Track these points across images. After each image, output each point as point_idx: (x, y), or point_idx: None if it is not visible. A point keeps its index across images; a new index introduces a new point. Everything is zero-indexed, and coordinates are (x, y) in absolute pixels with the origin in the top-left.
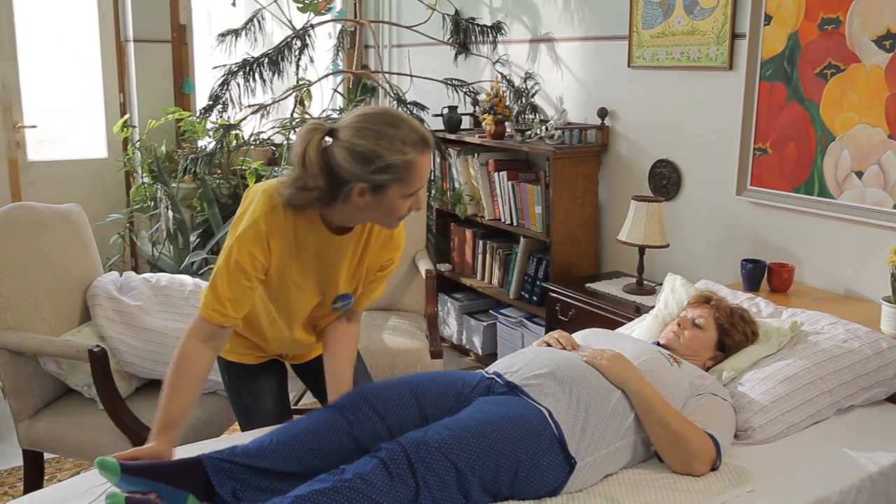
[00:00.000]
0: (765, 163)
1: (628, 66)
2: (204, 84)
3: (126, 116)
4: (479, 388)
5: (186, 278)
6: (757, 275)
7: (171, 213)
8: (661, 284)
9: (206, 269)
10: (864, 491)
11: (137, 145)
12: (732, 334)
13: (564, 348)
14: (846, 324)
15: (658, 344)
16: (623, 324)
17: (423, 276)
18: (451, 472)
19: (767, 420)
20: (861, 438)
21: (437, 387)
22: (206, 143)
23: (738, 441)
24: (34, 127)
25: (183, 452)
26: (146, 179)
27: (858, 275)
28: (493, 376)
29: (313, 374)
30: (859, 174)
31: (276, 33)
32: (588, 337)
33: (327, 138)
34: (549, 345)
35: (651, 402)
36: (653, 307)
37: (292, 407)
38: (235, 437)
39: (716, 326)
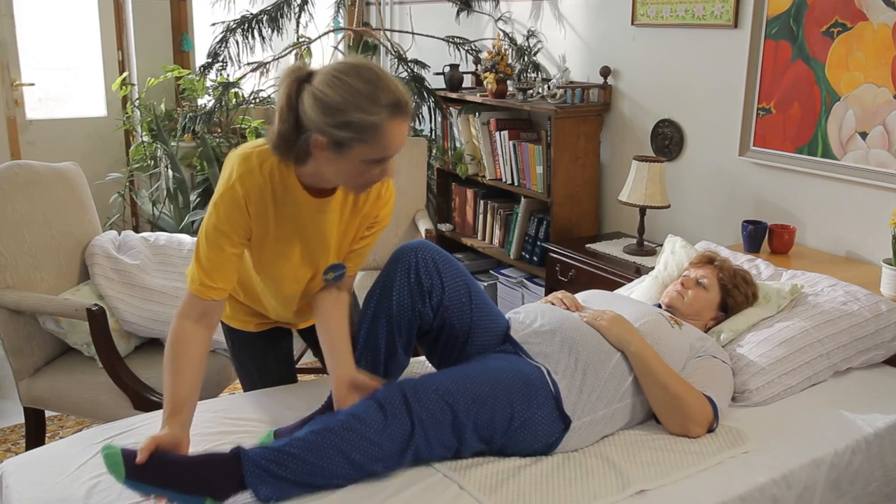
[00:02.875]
0: (768, 123)
1: (632, 23)
2: (203, 41)
3: (125, 74)
4: None
5: (185, 237)
6: (758, 236)
7: (170, 172)
8: (661, 245)
9: None
10: (859, 452)
11: (137, 104)
12: (735, 295)
13: (568, 308)
14: (845, 286)
15: (659, 306)
16: (623, 284)
17: (423, 235)
18: (446, 414)
19: (765, 382)
20: (857, 401)
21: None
22: (206, 101)
23: (734, 403)
24: (32, 85)
25: None
26: (146, 138)
27: (860, 237)
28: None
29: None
30: (863, 135)
31: None
32: (590, 298)
33: (292, 84)
34: (552, 304)
35: (650, 364)
36: (653, 268)
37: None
38: (234, 397)
39: (719, 287)
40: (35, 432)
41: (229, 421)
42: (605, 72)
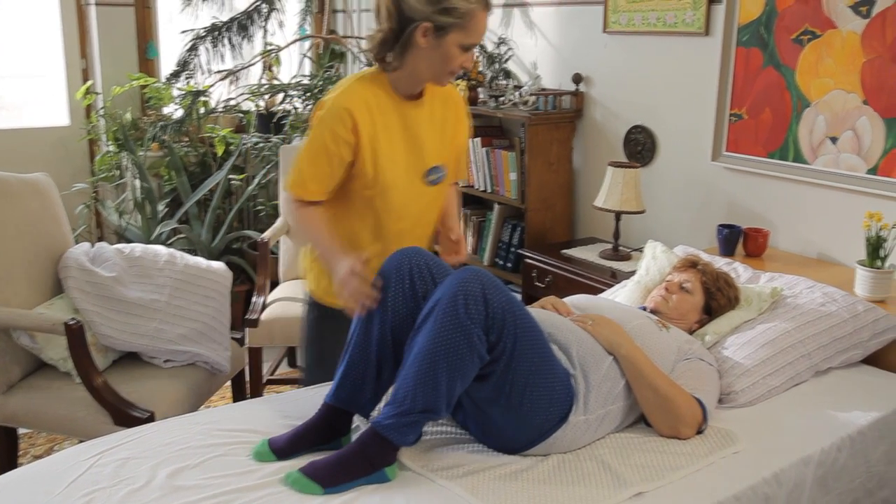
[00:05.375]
0: (740, 128)
1: (603, 31)
2: (169, 49)
3: (89, 83)
4: None
5: (160, 248)
6: (733, 240)
7: (138, 182)
8: (637, 250)
9: (175, 238)
10: (844, 450)
11: (101, 112)
12: (718, 298)
13: (559, 313)
14: (823, 287)
15: (644, 309)
16: (601, 290)
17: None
18: (508, 340)
19: (750, 383)
20: (839, 400)
21: None
22: (173, 110)
23: (721, 405)
24: None
25: (164, 427)
26: (111, 148)
27: (831, 239)
28: None
29: None
30: (834, 140)
31: None
32: (578, 303)
33: None
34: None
35: (641, 366)
36: (630, 273)
37: (269, 377)
38: (224, 409)
39: (702, 290)
40: (7, 451)
41: (221, 432)
42: (577, 79)
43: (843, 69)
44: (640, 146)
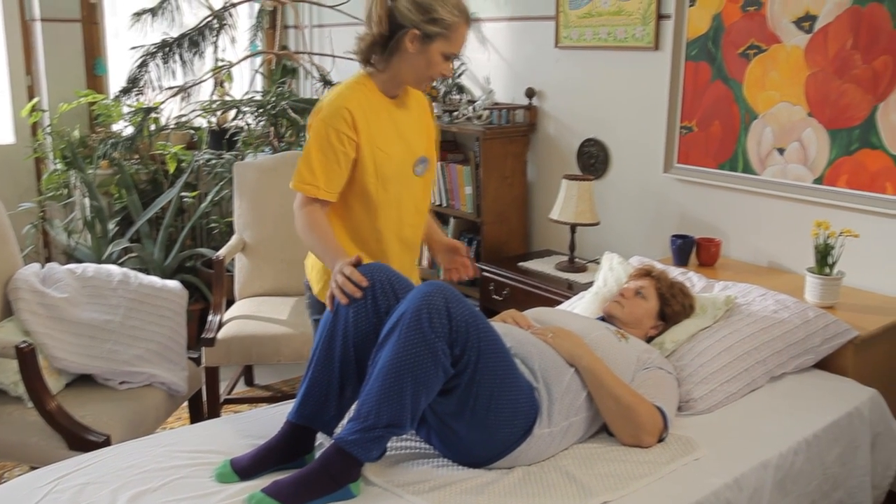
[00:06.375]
0: (691, 141)
1: (555, 46)
2: (117, 66)
3: (35, 100)
4: None
5: (113, 268)
6: (686, 250)
7: (87, 201)
8: (593, 261)
9: (126, 258)
10: (801, 453)
11: (48, 130)
12: (673, 304)
13: (520, 326)
14: (775, 295)
15: (602, 319)
16: (558, 301)
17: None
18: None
19: (708, 391)
20: (794, 404)
21: None
22: (122, 127)
23: (681, 412)
24: None
25: (122, 450)
26: (59, 166)
27: (781, 248)
28: None
29: None
30: (781, 151)
31: (189, 14)
32: (537, 315)
33: (390, 1)
34: (504, 323)
35: (601, 377)
36: (586, 284)
37: (227, 396)
38: (182, 430)
39: (657, 296)
40: None
41: (182, 454)
42: (530, 93)
43: (788, 82)
44: (593, 159)
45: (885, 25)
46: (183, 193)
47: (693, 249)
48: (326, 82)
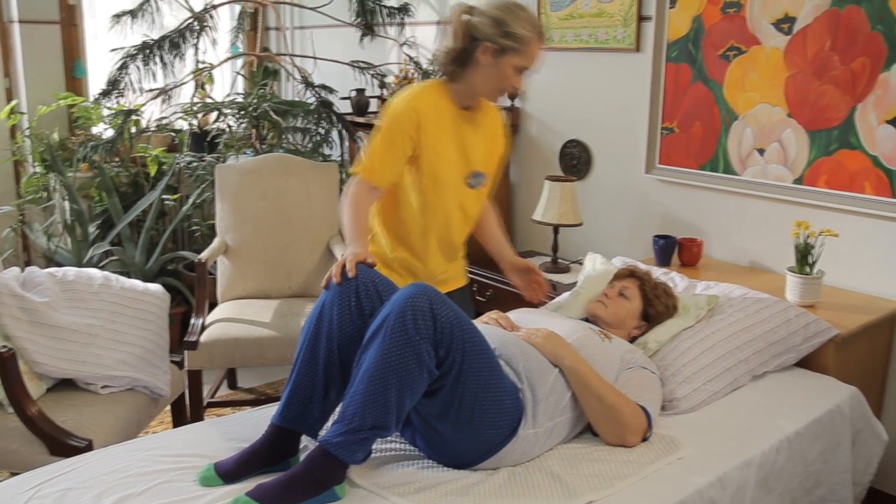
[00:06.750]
0: (672, 142)
1: None
2: (96, 68)
3: (14, 102)
4: None
5: (94, 271)
6: (668, 250)
7: (67, 204)
8: (576, 262)
9: (107, 261)
10: (783, 451)
11: (27, 133)
12: (656, 305)
13: (503, 327)
14: (756, 294)
15: (586, 320)
16: (542, 303)
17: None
18: (457, 354)
19: (691, 390)
20: (776, 403)
21: None
22: (102, 129)
23: (664, 412)
24: None
25: (104, 455)
26: (38, 169)
27: (761, 247)
28: None
29: None
30: (761, 151)
31: (169, 16)
32: (521, 317)
33: (467, 16)
34: (487, 324)
35: (585, 377)
36: (569, 285)
37: (210, 399)
38: (166, 434)
39: (641, 297)
40: None
41: (165, 458)
42: (512, 94)
43: (768, 83)
44: (575, 160)
45: (863, 27)
46: (164, 196)
47: (675, 250)
48: (308, 84)
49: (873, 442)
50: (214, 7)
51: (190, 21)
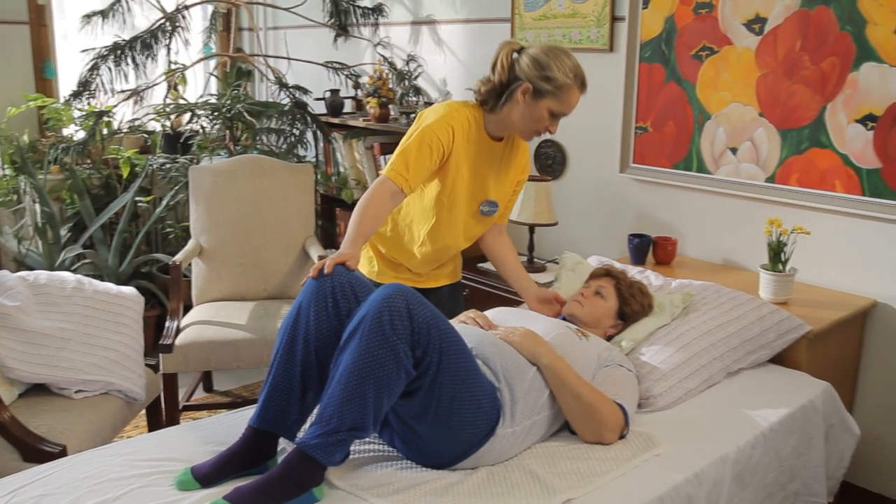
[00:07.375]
0: (646, 141)
1: None
2: (66, 69)
3: None
4: None
5: (67, 275)
6: (643, 249)
7: (38, 207)
8: (551, 262)
9: (80, 264)
10: (758, 446)
11: None
12: (632, 304)
13: (481, 326)
14: (730, 292)
15: (564, 319)
16: (519, 302)
17: (315, 262)
18: (434, 354)
19: (667, 387)
20: (751, 399)
21: None
22: (73, 131)
23: (641, 409)
24: None
25: (79, 461)
26: (7, 171)
27: (735, 245)
28: None
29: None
30: (734, 150)
31: (140, 16)
32: (498, 316)
33: (515, 54)
34: (464, 323)
35: (563, 375)
36: (546, 284)
37: (186, 403)
38: (141, 438)
39: (616, 295)
40: None
41: (141, 463)
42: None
43: (740, 83)
44: (550, 160)
45: (832, 28)
46: (137, 198)
47: (650, 248)
48: (282, 84)
49: (846, 436)
50: (186, 7)
51: (162, 21)
